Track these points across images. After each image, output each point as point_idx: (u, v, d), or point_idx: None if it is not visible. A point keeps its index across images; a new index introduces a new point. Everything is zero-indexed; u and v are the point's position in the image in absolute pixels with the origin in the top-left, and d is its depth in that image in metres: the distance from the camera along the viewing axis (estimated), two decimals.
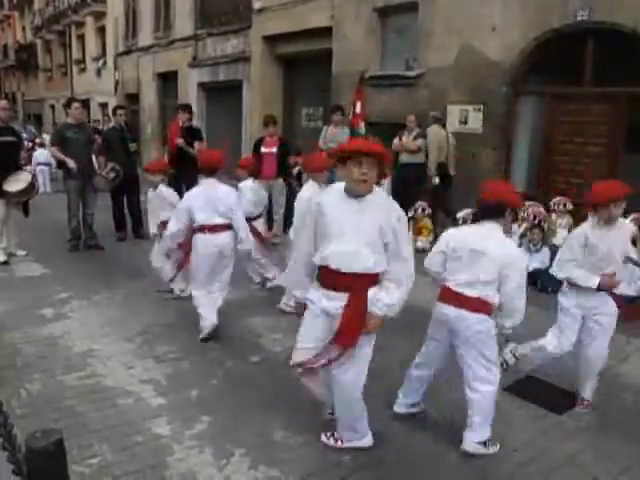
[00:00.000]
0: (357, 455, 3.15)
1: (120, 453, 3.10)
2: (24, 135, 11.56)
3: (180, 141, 8.27)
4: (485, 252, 3.04)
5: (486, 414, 3.15)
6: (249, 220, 5.29)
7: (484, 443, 3.18)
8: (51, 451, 1.45)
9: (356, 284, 2.85)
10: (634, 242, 5.86)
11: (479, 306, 3.06)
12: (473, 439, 3.16)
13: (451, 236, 3.28)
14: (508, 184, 3.79)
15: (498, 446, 3.22)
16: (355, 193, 2.83)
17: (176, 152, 8.31)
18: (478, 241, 3.09)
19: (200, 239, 4.59)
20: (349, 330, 2.86)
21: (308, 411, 3.61)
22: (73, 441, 3.07)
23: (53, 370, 4.06)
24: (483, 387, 3.12)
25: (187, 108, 8.82)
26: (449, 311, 3.13)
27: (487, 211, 3.18)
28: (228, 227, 4.67)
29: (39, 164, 13.49)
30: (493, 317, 3.12)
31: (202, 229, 4.58)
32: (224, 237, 4.64)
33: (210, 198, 4.59)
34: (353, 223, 2.82)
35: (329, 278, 2.89)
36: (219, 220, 4.61)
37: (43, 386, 3.83)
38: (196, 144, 8.36)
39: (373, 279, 2.89)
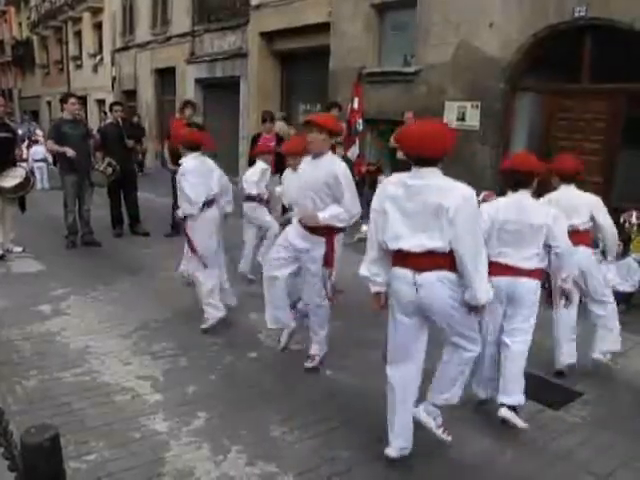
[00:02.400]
0: (354, 451, 3.16)
1: (117, 449, 3.10)
2: (20, 132, 11.53)
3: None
4: None
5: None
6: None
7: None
8: (47, 447, 1.45)
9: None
10: (628, 240, 5.91)
11: None
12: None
13: None
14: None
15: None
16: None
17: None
18: None
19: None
20: (329, 259, 3.91)
21: (306, 407, 3.62)
22: (70, 437, 3.07)
23: (50, 366, 4.05)
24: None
25: (192, 104, 8.85)
26: None
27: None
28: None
29: (36, 161, 13.44)
30: None
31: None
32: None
33: None
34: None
35: None
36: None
37: (40, 382, 3.83)
38: None
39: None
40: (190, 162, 4.74)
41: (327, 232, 3.88)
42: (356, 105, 8.87)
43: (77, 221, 7.59)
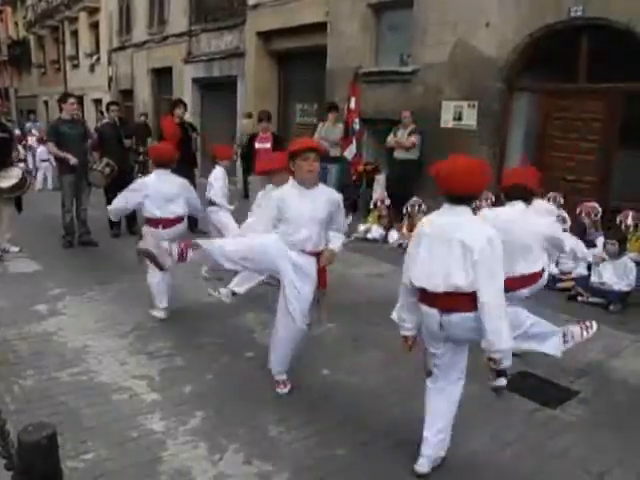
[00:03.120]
0: (350, 451, 3.16)
1: (114, 449, 3.10)
2: (17, 131, 11.51)
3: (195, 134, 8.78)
4: None
5: None
6: None
7: None
8: (44, 445, 1.45)
9: None
10: (624, 240, 5.93)
11: None
12: None
13: None
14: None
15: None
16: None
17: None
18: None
19: None
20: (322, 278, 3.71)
21: (303, 406, 3.63)
22: (67, 437, 3.07)
23: (47, 366, 4.05)
24: None
25: (183, 103, 8.90)
26: None
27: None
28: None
29: (42, 161, 13.37)
30: None
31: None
32: None
33: None
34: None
35: None
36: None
37: (37, 382, 3.83)
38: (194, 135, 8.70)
39: None
40: (148, 177, 5.10)
41: (316, 252, 3.62)
42: (353, 105, 8.89)
43: (74, 221, 7.59)
